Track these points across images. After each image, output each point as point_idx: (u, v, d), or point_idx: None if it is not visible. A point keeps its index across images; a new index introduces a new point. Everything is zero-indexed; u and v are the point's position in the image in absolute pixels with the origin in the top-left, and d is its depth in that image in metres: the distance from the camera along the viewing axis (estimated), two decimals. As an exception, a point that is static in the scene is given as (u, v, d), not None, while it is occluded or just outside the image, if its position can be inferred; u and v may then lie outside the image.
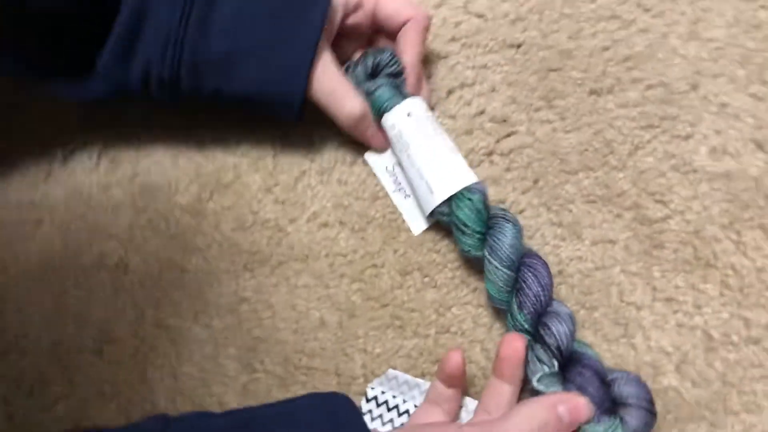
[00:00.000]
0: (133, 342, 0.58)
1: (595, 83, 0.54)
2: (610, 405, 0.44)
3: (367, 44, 0.58)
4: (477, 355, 0.52)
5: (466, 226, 0.49)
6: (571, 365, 0.46)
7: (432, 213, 0.51)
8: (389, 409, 0.50)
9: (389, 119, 0.53)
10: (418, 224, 0.55)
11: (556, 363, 0.45)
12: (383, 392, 0.51)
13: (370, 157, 0.57)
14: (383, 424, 0.50)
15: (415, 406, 0.50)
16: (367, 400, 0.51)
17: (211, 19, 0.51)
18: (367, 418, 0.51)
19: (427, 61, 0.58)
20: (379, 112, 0.53)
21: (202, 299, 0.58)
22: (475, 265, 0.53)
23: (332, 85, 0.53)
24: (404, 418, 0.49)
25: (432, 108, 0.57)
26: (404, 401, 0.50)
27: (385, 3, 0.53)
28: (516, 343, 0.46)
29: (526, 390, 0.50)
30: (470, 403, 0.49)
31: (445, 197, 0.50)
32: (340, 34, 0.54)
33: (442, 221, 0.52)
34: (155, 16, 0.51)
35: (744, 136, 0.51)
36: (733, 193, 0.50)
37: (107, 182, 0.61)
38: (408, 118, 0.52)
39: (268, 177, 0.59)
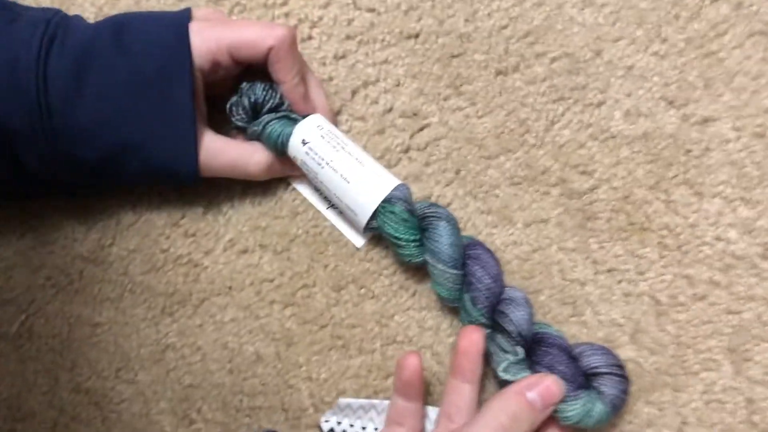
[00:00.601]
0: (50, 414, 0.53)
1: (499, 63, 0.53)
2: (582, 380, 0.43)
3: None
4: (428, 361, 0.49)
5: (398, 239, 0.46)
6: (535, 347, 0.44)
7: (365, 230, 0.49)
8: (348, 437, 0.47)
9: (291, 152, 0.50)
10: (358, 238, 0.52)
11: (519, 350, 0.43)
12: (339, 422, 0.47)
13: (294, 182, 0.53)
14: (344, 453, 0.47)
15: (375, 429, 0.46)
16: (323, 434, 0.48)
17: (70, 126, 0.46)
18: (325, 451, 0.47)
19: (324, 63, 0.55)
20: (277, 152, 0.50)
21: (122, 353, 0.53)
22: (410, 268, 0.51)
23: (224, 158, 0.49)
24: (365, 443, 0.46)
25: (337, 112, 0.54)
26: (363, 428, 0.47)
27: (238, 46, 0.48)
28: (474, 335, 0.44)
29: (487, 391, 0.48)
30: (432, 412, 0.47)
31: (368, 217, 0.47)
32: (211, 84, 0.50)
33: (378, 233, 0.49)
34: (18, 135, 0.46)
35: (654, 96, 0.51)
36: (653, 153, 0.50)
37: (-7, 244, 0.55)
38: (304, 147, 0.48)
39: (173, 210, 0.54)
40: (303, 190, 0.53)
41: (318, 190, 0.53)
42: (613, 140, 0.51)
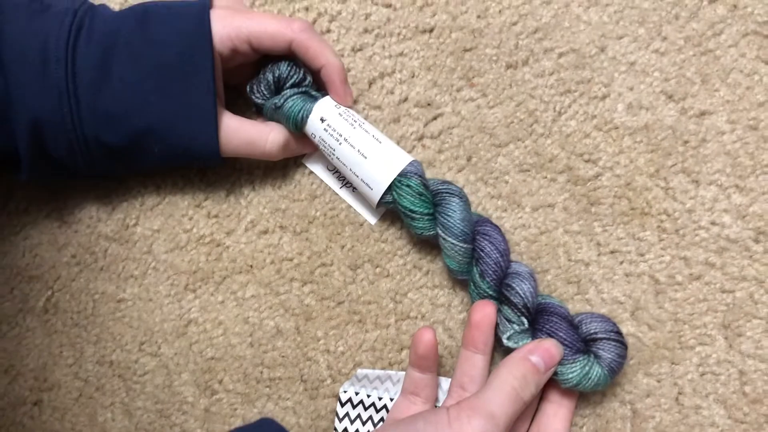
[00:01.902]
0: (76, 384, 0.55)
1: (509, 57, 0.56)
2: (581, 345, 0.46)
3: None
4: (440, 335, 0.52)
5: (413, 212, 0.49)
6: (537, 316, 0.47)
7: (378, 205, 0.51)
8: (366, 408, 0.50)
9: (308, 129, 0.52)
10: (372, 214, 0.54)
11: (525, 320, 0.46)
12: (356, 393, 0.50)
13: (308, 161, 0.56)
14: (363, 423, 0.49)
15: (391, 399, 0.49)
16: (342, 404, 0.50)
17: (96, 111, 0.49)
18: (345, 422, 0.50)
19: (343, 55, 0.58)
20: (295, 127, 0.52)
21: (145, 328, 0.55)
22: (424, 248, 0.54)
23: (242, 136, 0.52)
24: (383, 413, 0.49)
25: (354, 101, 0.57)
26: (379, 397, 0.50)
27: (259, 36, 0.50)
28: (486, 308, 0.47)
29: (495, 363, 0.51)
30: (444, 383, 0.50)
31: (383, 190, 0.50)
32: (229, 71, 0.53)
33: (390, 209, 0.52)
34: (47, 122, 0.48)
35: (655, 90, 0.54)
36: (654, 143, 0.53)
37: (20, 224, 0.57)
38: (323, 123, 0.51)
39: (196, 192, 0.57)
40: (316, 169, 0.56)
41: (332, 168, 0.55)
42: (616, 131, 0.54)
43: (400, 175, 0.50)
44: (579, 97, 0.55)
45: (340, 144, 0.51)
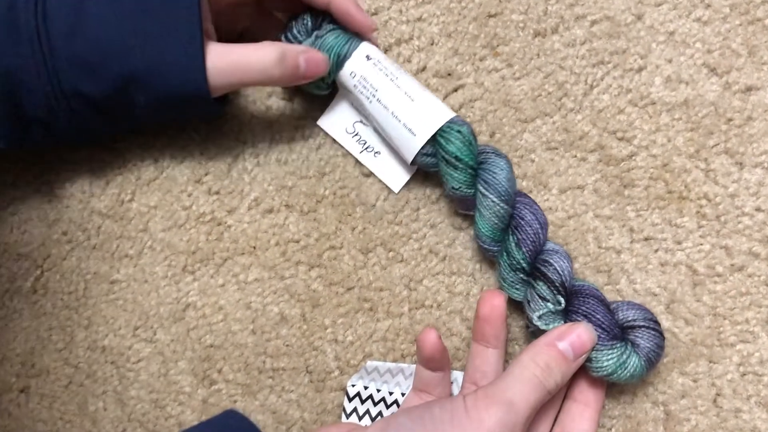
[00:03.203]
0: (65, 371, 0.52)
1: (538, 24, 0.52)
2: (618, 332, 0.42)
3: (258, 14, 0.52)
4: (457, 326, 0.48)
5: (459, 160, 0.45)
6: (572, 298, 0.43)
7: (415, 159, 0.47)
8: (375, 403, 0.46)
9: (349, 67, 0.48)
10: (396, 180, 0.50)
11: (561, 299, 0.43)
12: (366, 387, 0.46)
13: (324, 122, 0.52)
14: (372, 419, 0.46)
15: (403, 394, 0.45)
16: (350, 399, 0.47)
17: (72, 59, 0.44)
18: (353, 418, 0.46)
19: (356, 20, 0.53)
20: (336, 60, 0.48)
21: (140, 311, 0.51)
22: (441, 232, 0.50)
23: (231, 58, 0.46)
24: (394, 409, 0.45)
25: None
26: (390, 392, 0.46)
27: None
28: (495, 300, 0.43)
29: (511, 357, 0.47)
30: (459, 377, 0.46)
31: (430, 134, 0.46)
32: (220, 13, 0.48)
33: (424, 165, 0.48)
34: (20, 76, 0.44)
35: (696, 63, 0.50)
36: (694, 120, 0.49)
37: (7, 198, 0.53)
38: (369, 62, 0.48)
39: (197, 166, 0.53)
40: (333, 131, 0.51)
41: (352, 131, 0.51)
42: (653, 107, 0.49)
43: (449, 121, 0.46)
44: (613, 69, 0.50)
45: (385, 85, 0.47)
